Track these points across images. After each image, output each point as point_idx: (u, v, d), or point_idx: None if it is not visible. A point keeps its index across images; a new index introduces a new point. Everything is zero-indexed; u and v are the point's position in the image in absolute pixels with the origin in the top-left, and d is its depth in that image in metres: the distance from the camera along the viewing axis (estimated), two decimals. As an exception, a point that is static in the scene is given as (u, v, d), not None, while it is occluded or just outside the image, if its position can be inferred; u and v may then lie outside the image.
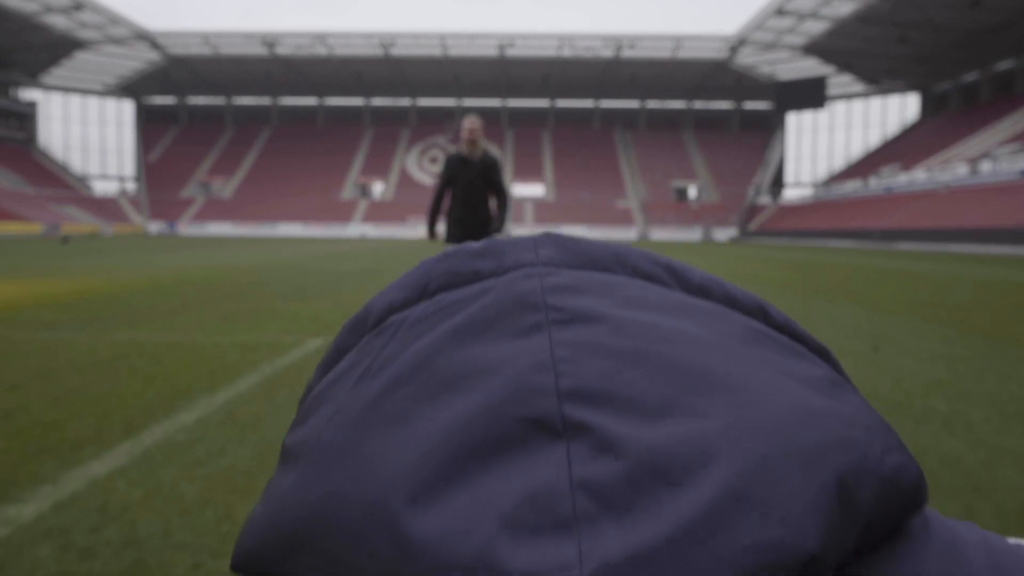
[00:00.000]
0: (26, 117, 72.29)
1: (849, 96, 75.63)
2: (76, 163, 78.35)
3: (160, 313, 6.88)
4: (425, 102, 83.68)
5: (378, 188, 77.25)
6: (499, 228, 5.83)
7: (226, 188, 75.76)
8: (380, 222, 69.04)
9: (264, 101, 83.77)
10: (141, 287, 9.53)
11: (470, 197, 5.68)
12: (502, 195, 5.86)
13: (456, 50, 67.40)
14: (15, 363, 4.36)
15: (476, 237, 5.65)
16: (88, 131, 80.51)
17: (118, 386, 3.79)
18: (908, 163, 58.93)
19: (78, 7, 53.26)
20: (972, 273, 15.52)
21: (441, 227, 5.98)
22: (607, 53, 66.64)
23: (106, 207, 69.71)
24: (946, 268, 17.63)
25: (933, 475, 2.62)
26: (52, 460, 2.62)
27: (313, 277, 11.68)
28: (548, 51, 67.12)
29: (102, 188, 77.45)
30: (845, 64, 64.38)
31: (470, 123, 5.76)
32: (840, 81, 70.79)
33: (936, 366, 4.69)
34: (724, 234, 67.19)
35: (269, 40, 64.46)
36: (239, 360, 4.58)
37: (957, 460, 2.80)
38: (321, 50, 67.49)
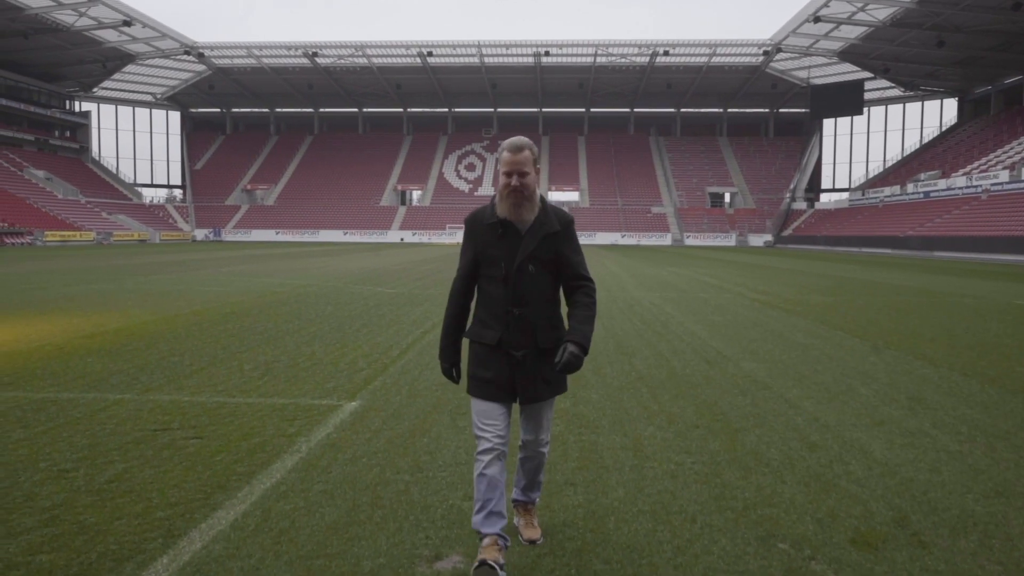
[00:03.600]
0: (80, 127, 74.64)
1: (886, 100, 74.12)
2: (127, 172, 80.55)
3: (202, 362, 7.06)
4: (462, 110, 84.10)
5: (416, 195, 77.93)
6: (576, 361, 2.84)
7: (269, 196, 77.16)
8: (418, 229, 69.67)
9: (306, 110, 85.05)
10: (184, 324, 9.78)
11: (520, 297, 2.93)
12: (588, 288, 3.03)
13: (492, 59, 67.68)
14: (65, 439, 4.52)
15: (531, 386, 2.99)
16: (138, 141, 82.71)
17: (159, 472, 3.91)
18: (947, 168, 57.55)
19: (129, 23, 54.80)
20: (1013, 298, 15.08)
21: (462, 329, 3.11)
22: (642, 60, 66.32)
23: (154, 214, 71.58)
24: (986, 289, 17.16)
25: (965, 615, 2.58)
26: (95, 583, 2.73)
27: (351, 308, 11.85)
28: (584, 59, 67.02)
29: (151, 196, 79.54)
30: (882, 69, 63.18)
31: (515, 153, 2.92)
32: (877, 85, 69.41)
33: (975, 447, 4.59)
34: (759, 240, 66.44)
35: (310, 51, 65.48)
36: (276, 433, 4.68)
37: (991, 593, 2.75)
38: (361, 60, 68.39)
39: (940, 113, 72.92)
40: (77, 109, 75.98)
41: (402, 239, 68.13)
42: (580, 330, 2.92)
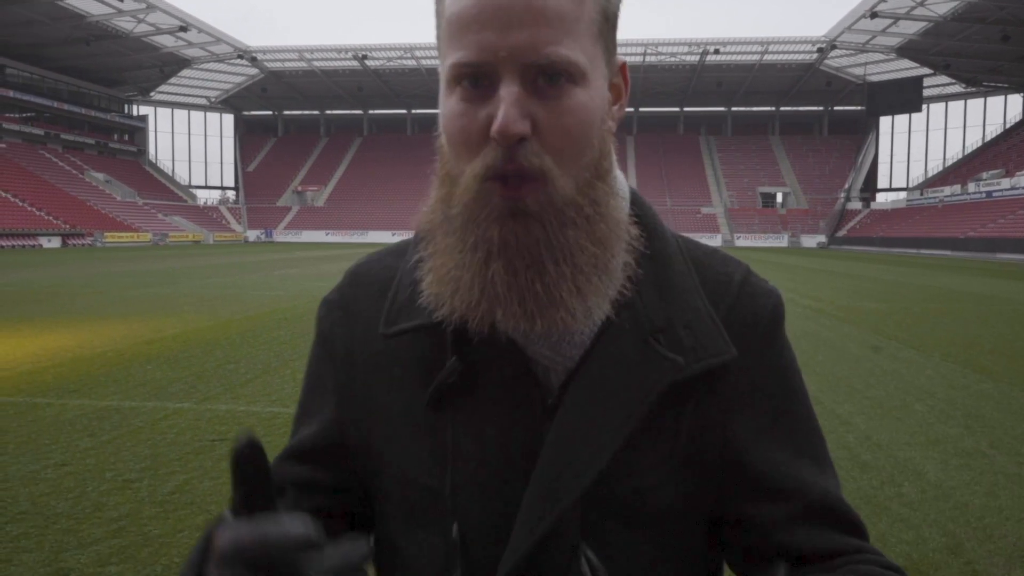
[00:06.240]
0: (138, 131, 77.05)
1: (946, 97, 71.72)
2: (182, 174, 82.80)
3: (256, 371, 7.26)
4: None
5: (463, 196, 78.35)
6: None
7: (319, 197, 78.45)
8: (464, 230, 69.94)
9: (355, 112, 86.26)
10: (239, 330, 10.05)
11: None
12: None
13: (541, 59, 67.52)
14: (128, 448, 4.72)
15: None
16: (193, 143, 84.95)
17: (218, 484, 4.06)
18: (1011, 167, 55.52)
19: (185, 28, 56.31)
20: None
21: None
22: (692, 59, 65.52)
23: (208, 216, 73.38)
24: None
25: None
26: (160, 596, 2.86)
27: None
28: (633, 58, 66.49)
29: (205, 197, 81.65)
30: (942, 65, 61.09)
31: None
32: (937, 81, 67.22)
33: (1036, 470, 4.47)
34: (812, 241, 65.01)
35: (360, 54, 66.43)
36: (328, 445, 4.80)
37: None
38: (409, 62, 69.05)
39: (1004, 110, 70.34)
40: (135, 113, 78.38)
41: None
42: None
